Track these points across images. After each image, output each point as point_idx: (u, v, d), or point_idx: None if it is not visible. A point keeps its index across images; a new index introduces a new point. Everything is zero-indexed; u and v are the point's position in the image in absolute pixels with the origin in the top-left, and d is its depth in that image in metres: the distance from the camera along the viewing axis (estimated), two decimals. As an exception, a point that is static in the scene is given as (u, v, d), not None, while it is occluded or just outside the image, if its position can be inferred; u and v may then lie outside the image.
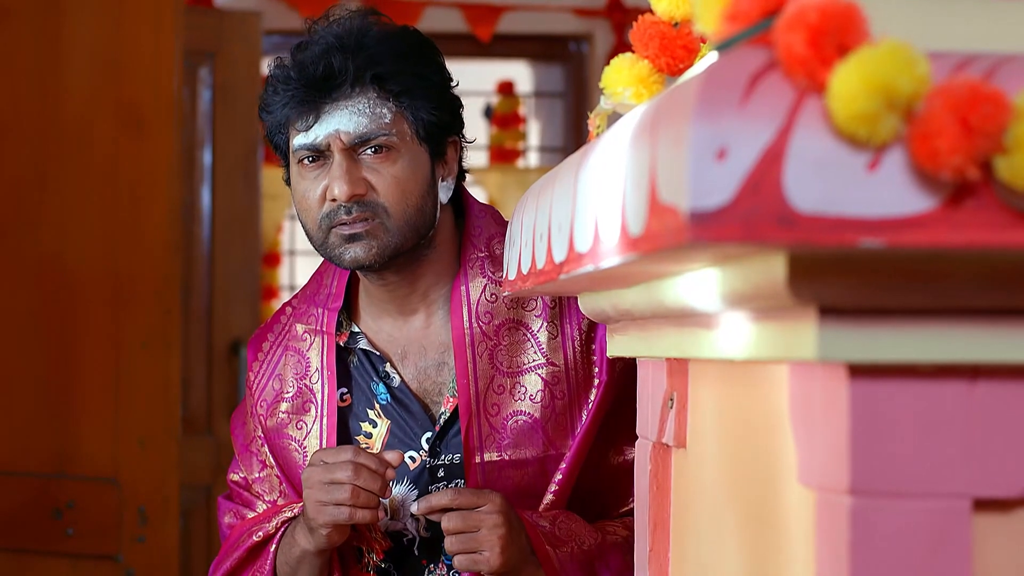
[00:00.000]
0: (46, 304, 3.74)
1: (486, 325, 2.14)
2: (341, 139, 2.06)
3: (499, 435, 2.13)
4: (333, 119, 2.06)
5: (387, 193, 2.07)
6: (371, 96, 2.06)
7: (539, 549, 2.09)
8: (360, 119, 2.05)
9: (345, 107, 2.06)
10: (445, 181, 2.15)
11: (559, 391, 2.14)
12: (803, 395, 1.13)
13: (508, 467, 2.13)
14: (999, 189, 0.96)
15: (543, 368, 2.14)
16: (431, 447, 2.17)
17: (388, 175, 2.07)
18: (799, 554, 1.15)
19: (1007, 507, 1.07)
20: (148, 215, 3.72)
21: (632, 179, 1.11)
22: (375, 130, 2.06)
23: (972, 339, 1.05)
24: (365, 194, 2.06)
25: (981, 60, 1.01)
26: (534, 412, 2.14)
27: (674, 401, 1.52)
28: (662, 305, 1.35)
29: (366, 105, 2.06)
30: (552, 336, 2.15)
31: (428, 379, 2.20)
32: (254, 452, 2.29)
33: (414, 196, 2.09)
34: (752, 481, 1.28)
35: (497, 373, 2.14)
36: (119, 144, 3.72)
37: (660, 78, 1.60)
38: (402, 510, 2.17)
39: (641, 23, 1.61)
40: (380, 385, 2.20)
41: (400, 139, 2.08)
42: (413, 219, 2.09)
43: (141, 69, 3.71)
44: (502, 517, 2.05)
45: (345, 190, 2.05)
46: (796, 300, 1.04)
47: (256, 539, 2.20)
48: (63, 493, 3.74)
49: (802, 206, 0.96)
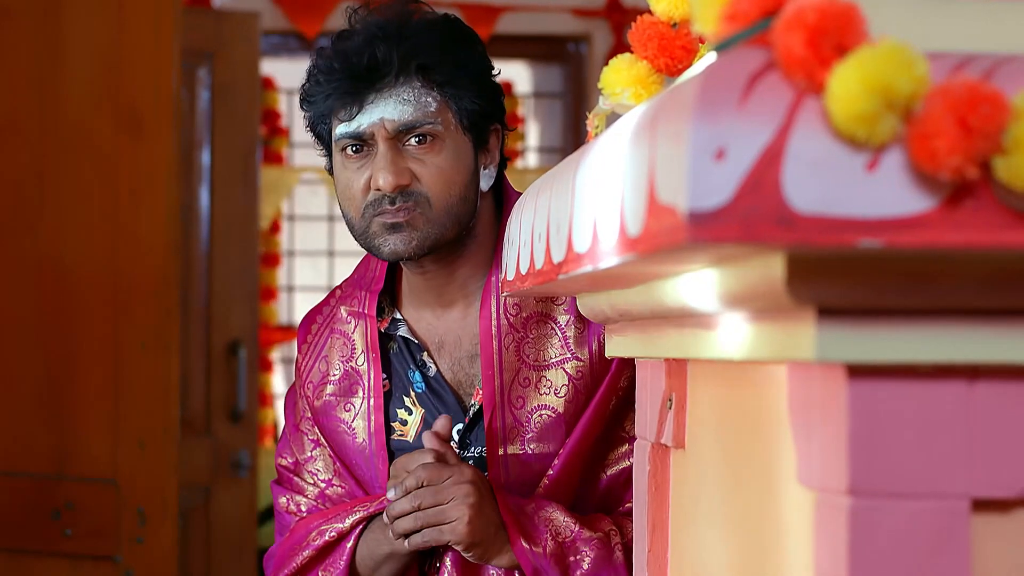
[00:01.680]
0: (45, 305, 3.74)
1: (514, 317, 2.14)
2: (386, 127, 2.06)
3: (523, 428, 2.14)
4: (378, 108, 2.06)
5: (431, 183, 2.07)
6: (415, 85, 2.06)
7: (510, 529, 2.07)
8: (405, 107, 2.06)
9: (390, 96, 2.06)
10: (487, 169, 2.16)
11: (582, 385, 2.15)
12: (802, 396, 1.13)
13: (531, 461, 2.14)
14: (998, 189, 0.96)
15: (569, 363, 2.15)
16: (461, 439, 2.18)
17: (433, 165, 2.08)
18: (798, 555, 1.15)
19: (1006, 507, 1.07)
20: (147, 216, 3.72)
21: (631, 179, 1.11)
22: (420, 118, 2.06)
23: (971, 339, 1.05)
24: (409, 184, 2.07)
25: (980, 60, 1.01)
26: (558, 407, 2.14)
27: (673, 402, 1.52)
28: (661, 305, 1.35)
29: (411, 94, 2.06)
30: (580, 331, 2.15)
31: (462, 371, 2.21)
32: (304, 432, 2.29)
33: (458, 186, 2.10)
34: (751, 482, 1.28)
35: (523, 366, 2.14)
36: (118, 145, 3.72)
37: (659, 78, 1.60)
38: None
39: (640, 24, 1.61)
40: (417, 373, 2.22)
41: (445, 128, 2.08)
42: (456, 208, 2.10)
43: (140, 70, 3.71)
44: (472, 487, 2.04)
45: (390, 180, 2.05)
46: (795, 300, 1.04)
47: (329, 539, 2.19)
48: (62, 494, 3.73)
49: (801, 206, 0.96)
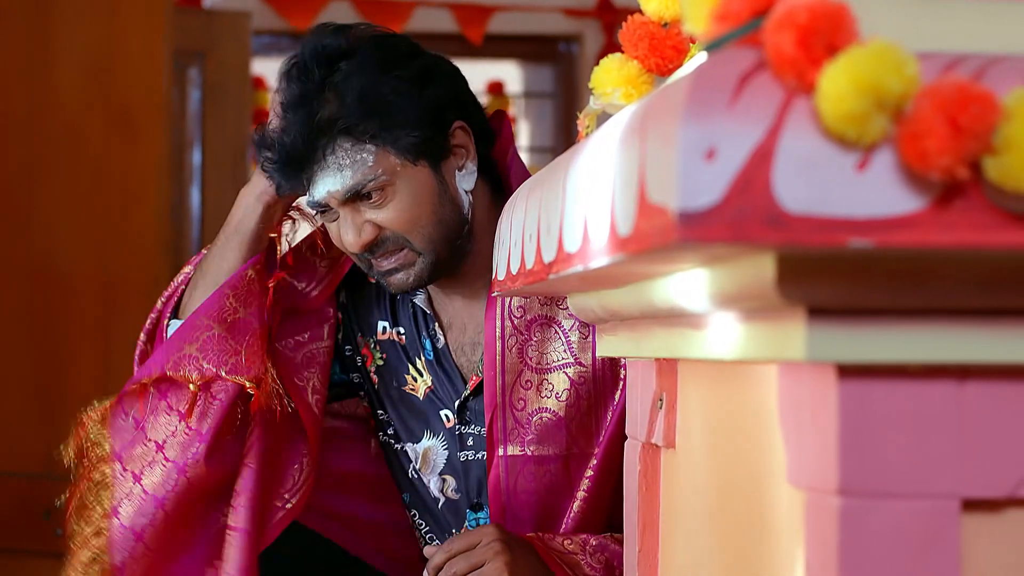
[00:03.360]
0: (36, 304, 3.73)
1: (518, 320, 2.16)
2: (335, 198, 2.08)
3: (523, 430, 2.16)
4: (321, 182, 2.08)
5: (398, 226, 2.09)
6: (346, 147, 2.06)
7: (553, 567, 2.10)
8: (344, 173, 2.06)
9: (326, 168, 2.07)
10: (463, 169, 2.14)
11: (584, 391, 2.16)
12: (792, 395, 1.13)
13: (530, 463, 2.16)
14: (988, 189, 0.96)
15: (571, 367, 2.16)
16: (459, 412, 2.24)
17: (391, 211, 2.09)
18: (788, 554, 1.15)
19: (996, 507, 1.07)
20: (138, 215, 3.72)
21: (621, 179, 1.11)
22: (361, 180, 2.06)
23: (961, 339, 1.05)
24: (375, 237, 2.09)
25: (970, 60, 1.01)
26: (559, 411, 2.16)
27: (663, 401, 1.52)
28: (651, 305, 1.35)
29: (345, 157, 2.06)
30: (583, 336, 2.16)
31: (464, 355, 2.26)
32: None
33: (426, 215, 2.10)
34: (741, 481, 1.28)
35: (526, 368, 2.16)
36: (109, 144, 3.72)
37: (649, 78, 1.60)
38: (432, 464, 2.26)
39: (630, 23, 1.61)
40: (427, 341, 2.26)
41: (390, 174, 2.07)
42: (435, 234, 2.11)
43: (131, 69, 3.71)
44: (501, 544, 2.07)
45: (354, 243, 2.09)
46: (785, 300, 1.04)
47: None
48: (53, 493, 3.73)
49: (791, 206, 0.96)
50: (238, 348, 2.13)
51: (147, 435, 2.15)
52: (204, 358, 2.12)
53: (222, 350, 2.13)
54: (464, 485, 2.25)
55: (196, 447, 2.13)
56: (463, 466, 2.25)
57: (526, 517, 2.18)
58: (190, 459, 2.13)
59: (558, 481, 2.17)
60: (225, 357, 2.13)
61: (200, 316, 2.14)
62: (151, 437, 2.15)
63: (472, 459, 2.24)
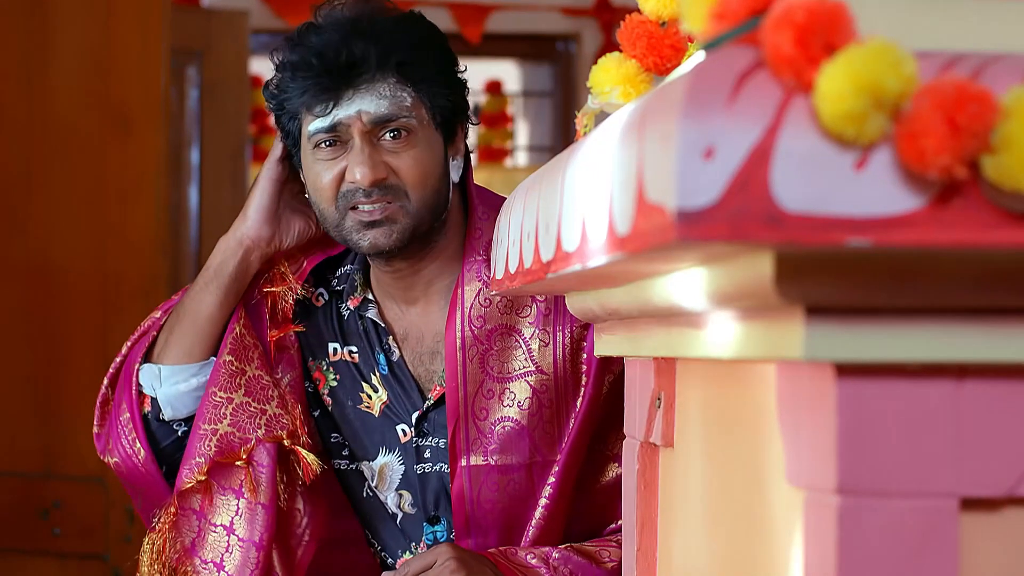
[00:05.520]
0: (33, 303, 3.73)
1: (478, 329, 2.14)
2: (363, 120, 2.06)
3: (486, 439, 2.15)
4: (355, 102, 2.06)
5: (409, 176, 2.08)
6: (391, 81, 2.07)
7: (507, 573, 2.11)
8: (381, 102, 2.06)
9: (367, 91, 2.06)
10: (455, 160, 2.17)
11: (547, 399, 2.15)
12: (790, 394, 1.13)
13: (493, 472, 2.15)
14: (986, 188, 0.96)
15: (532, 376, 2.15)
16: (416, 425, 2.21)
17: (409, 158, 2.08)
18: (787, 553, 1.15)
19: (994, 506, 1.07)
20: (135, 214, 3.72)
21: (619, 178, 1.11)
22: (396, 112, 2.07)
23: (959, 338, 1.05)
24: (386, 177, 2.08)
25: (968, 59, 1.01)
26: (521, 419, 2.15)
27: (662, 400, 1.52)
28: (649, 304, 1.35)
29: (387, 90, 2.07)
30: (544, 344, 2.15)
31: (422, 365, 2.23)
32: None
33: (433, 178, 2.11)
34: (739, 480, 1.28)
35: (487, 378, 2.15)
36: (106, 143, 3.72)
37: (647, 77, 1.60)
38: (388, 480, 2.23)
39: (628, 22, 1.61)
40: (382, 356, 2.23)
41: (419, 123, 2.09)
42: (431, 201, 2.11)
43: (128, 68, 3.71)
44: (456, 562, 2.08)
45: (367, 174, 2.06)
46: (783, 299, 1.04)
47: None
48: (50, 493, 3.73)
49: (789, 205, 0.96)
50: (264, 408, 2.14)
51: (212, 521, 2.15)
52: (238, 430, 2.13)
53: (250, 415, 2.14)
54: (421, 499, 2.22)
55: (262, 517, 2.14)
56: (420, 479, 2.22)
57: (489, 526, 2.18)
58: (261, 531, 2.14)
59: (521, 489, 2.16)
60: (257, 421, 2.14)
61: (215, 390, 2.14)
62: (217, 522, 2.15)
63: (430, 471, 2.21)
